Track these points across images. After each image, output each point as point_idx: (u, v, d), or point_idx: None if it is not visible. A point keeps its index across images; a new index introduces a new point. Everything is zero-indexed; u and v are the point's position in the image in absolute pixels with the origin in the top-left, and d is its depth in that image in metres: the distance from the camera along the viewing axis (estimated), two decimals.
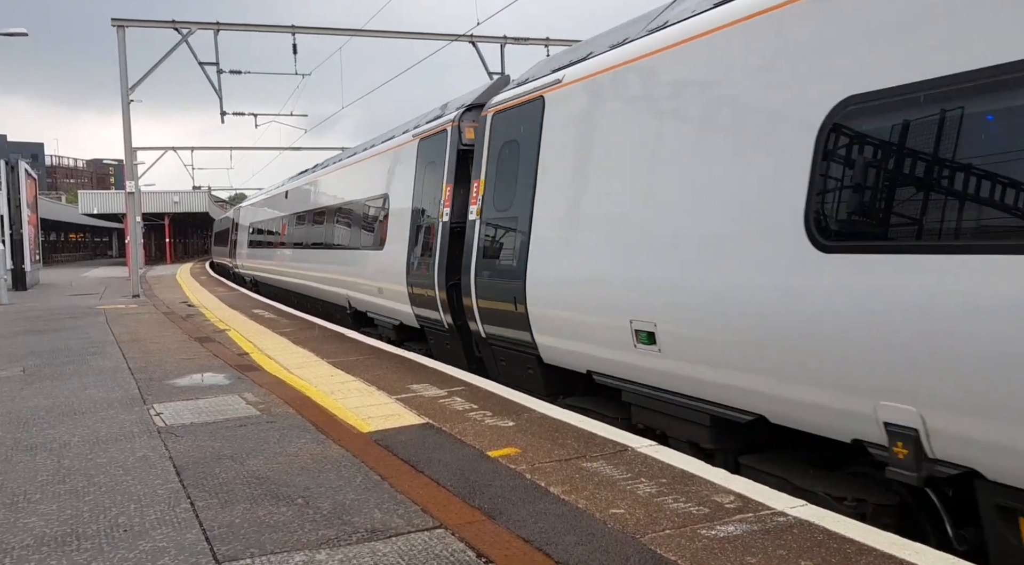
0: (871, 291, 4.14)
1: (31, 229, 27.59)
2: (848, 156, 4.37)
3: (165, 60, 20.24)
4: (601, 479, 4.61)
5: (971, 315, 3.66)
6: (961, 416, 3.74)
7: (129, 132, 20.61)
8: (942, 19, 3.89)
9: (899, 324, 3.99)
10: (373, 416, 6.40)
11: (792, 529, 3.76)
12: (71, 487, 4.80)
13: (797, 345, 4.59)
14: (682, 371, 5.66)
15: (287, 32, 21.20)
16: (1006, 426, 3.56)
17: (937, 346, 3.81)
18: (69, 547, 3.86)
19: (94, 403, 7.27)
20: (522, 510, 4.14)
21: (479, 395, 7.08)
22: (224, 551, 3.74)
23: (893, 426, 4.09)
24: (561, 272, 7.07)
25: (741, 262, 5.03)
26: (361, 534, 3.90)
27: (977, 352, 3.64)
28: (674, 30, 5.87)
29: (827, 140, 4.46)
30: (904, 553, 3.43)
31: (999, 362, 3.55)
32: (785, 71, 4.83)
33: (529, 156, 7.74)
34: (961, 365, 3.71)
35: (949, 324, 3.75)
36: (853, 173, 4.33)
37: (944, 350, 3.78)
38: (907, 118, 4.05)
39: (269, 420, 6.38)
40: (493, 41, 22.21)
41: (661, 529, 3.83)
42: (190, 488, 4.70)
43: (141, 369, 9.11)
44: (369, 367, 8.81)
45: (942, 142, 3.89)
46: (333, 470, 4.97)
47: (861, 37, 4.33)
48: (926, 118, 3.96)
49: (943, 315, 3.79)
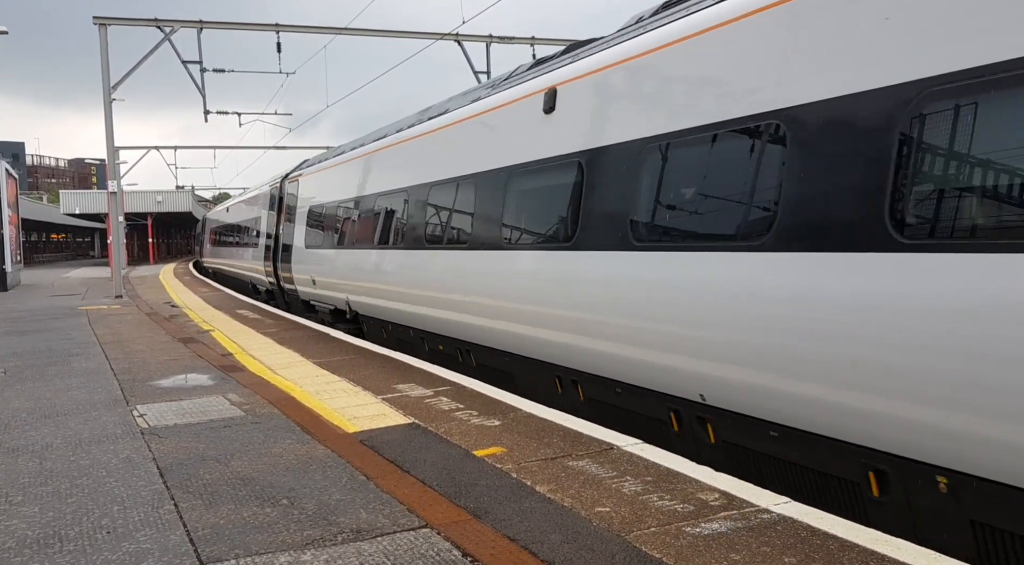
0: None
1: (12, 229, 27.31)
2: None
3: (148, 59, 20.08)
4: (587, 478, 4.62)
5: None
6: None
7: (111, 131, 20.44)
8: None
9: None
10: (359, 416, 6.38)
11: (776, 526, 3.79)
12: (54, 489, 4.76)
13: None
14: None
15: (271, 30, 21.08)
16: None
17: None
18: (52, 549, 3.83)
19: (77, 404, 7.21)
20: (508, 509, 4.15)
21: (465, 395, 7.08)
22: (208, 552, 3.72)
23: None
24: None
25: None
26: (346, 534, 3.90)
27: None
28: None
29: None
30: (886, 549, 3.46)
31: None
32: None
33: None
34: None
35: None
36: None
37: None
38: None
39: (254, 421, 6.36)
40: (479, 40, 22.16)
41: (646, 527, 3.85)
42: (174, 489, 4.68)
43: (124, 370, 9.04)
44: (355, 367, 8.79)
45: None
46: (318, 470, 4.96)
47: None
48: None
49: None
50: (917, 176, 3.90)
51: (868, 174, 4.12)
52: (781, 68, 4.70)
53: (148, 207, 53.23)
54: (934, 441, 3.82)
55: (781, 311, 4.58)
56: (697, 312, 5.20)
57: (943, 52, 3.78)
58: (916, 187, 3.90)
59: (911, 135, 3.93)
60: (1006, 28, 3.50)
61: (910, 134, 3.93)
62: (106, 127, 20.34)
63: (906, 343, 3.86)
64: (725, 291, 4.99)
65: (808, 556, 3.44)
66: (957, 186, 3.73)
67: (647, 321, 5.70)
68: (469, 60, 22.03)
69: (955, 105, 3.72)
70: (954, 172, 3.75)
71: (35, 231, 71.89)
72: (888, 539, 3.58)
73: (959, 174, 3.73)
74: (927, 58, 3.85)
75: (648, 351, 5.74)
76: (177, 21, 20.18)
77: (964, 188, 3.70)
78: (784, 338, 4.56)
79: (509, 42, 22.39)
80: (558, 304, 6.76)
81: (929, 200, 3.84)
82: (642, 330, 5.77)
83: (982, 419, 3.56)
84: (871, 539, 3.58)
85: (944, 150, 3.79)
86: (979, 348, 3.53)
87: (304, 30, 21.49)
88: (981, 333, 3.52)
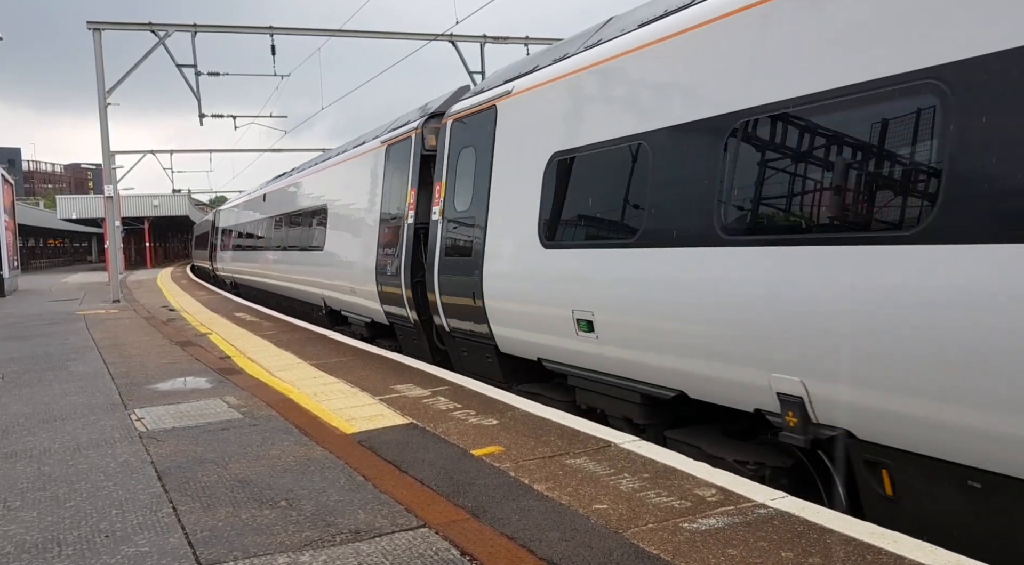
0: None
1: (9, 235, 27.30)
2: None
3: (143, 63, 20.07)
4: (584, 475, 4.63)
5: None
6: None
7: (107, 136, 20.42)
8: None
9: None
10: (357, 417, 6.39)
11: (773, 521, 3.80)
12: (52, 494, 4.76)
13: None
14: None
15: (265, 33, 21.09)
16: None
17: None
18: (51, 553, 3.83)
19: (75, 409, 7.21)
20: (506, 508, 4.16)
21: (463, 394, 7.08)
22: (207, 555, 3.73)
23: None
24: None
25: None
26: (345, 535, 3.91)
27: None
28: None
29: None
30: (882, 542, 3.48)
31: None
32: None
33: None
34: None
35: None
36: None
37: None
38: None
39: (252, 423, 6.36)
40: (473, 40, 22.17)
41: (644, 523, 3.86)
42: (172, 492, 4.68)
43: (122, 374, 9.04)
44: (353, 368, 8.79)
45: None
46: (317, 472, 4.97)
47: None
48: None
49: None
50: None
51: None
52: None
53: (145, 211, 53.25)
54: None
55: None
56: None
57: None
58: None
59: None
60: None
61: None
62: (101, 132, 20.33)
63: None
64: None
65: (805, 550, 3.46)
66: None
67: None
68: (464, 60, 22.05)
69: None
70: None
71: (32, 236, 71.77)
72: (884, 532, 3.59)
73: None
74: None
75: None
76: (171, 25, 20.17)
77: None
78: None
79: (503, 42, 22.41)
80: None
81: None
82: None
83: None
84: (867, 533, 3.59)
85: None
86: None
87: (298, 32, 21.50)
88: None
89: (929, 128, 3.92)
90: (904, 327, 3.95)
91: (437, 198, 9.37)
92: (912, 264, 3.93)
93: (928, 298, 3.84)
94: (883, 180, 4.15)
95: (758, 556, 3.42)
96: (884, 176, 4.14)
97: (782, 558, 3.39)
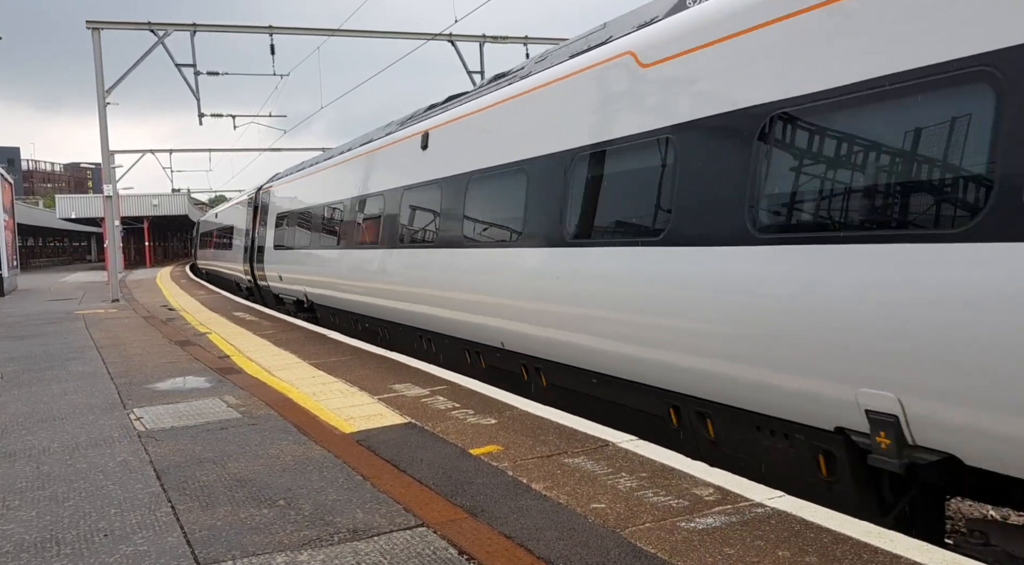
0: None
1: (8, 234, 27.29)
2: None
3: (142, 62, 20.07)
4: (582, 474, 4.64)
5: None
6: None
7: (106, 135, 20.42)
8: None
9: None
10: (355, 417, 6.40)
11: (770, 520, 3.81)
12: (51, 493, 4.77)
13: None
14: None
15: (264, 32, 21.09)
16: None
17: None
18: (49, 553, 3.84)
19: (73, 408, 7.22)
20: (504, 507, 4.17)
21: (461, 394, 7.09)
22: (205, 554, 3.74)
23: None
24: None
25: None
26: (343, 534, 3.91)
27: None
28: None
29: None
30: (879, 541, 3.48)
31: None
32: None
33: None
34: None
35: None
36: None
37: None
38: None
39: (251, 422, 6.37)
40: (472, 40, 22.18)
41: (641, 523, 3.87)
42: (171, 492, 4.69)
43: (121, 374, 9.05)
44: (352, 368, 8.80)
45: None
46: (315, 471, 4.97)
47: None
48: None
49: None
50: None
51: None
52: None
53: (144, 211, 53.22)
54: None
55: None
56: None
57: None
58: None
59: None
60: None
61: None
62: (101, 131, 20.33)
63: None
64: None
65: (801, 549, 3.46)
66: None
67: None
68: (463, 60, 22.04)
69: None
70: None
71: (31, 236, 71.74)
72: (881, 531, 3.60)
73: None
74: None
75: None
76: (170, 24, 20.17)
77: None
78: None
79: (503, 42, 22.41)
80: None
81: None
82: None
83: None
84: (864, 532, 3.60)
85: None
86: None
87: (297, 32, 21.50)
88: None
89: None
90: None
91: (259, 229, 22.06)
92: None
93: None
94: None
95: (755, 555, 3.43)
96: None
97: (779, 557, 3.40)
